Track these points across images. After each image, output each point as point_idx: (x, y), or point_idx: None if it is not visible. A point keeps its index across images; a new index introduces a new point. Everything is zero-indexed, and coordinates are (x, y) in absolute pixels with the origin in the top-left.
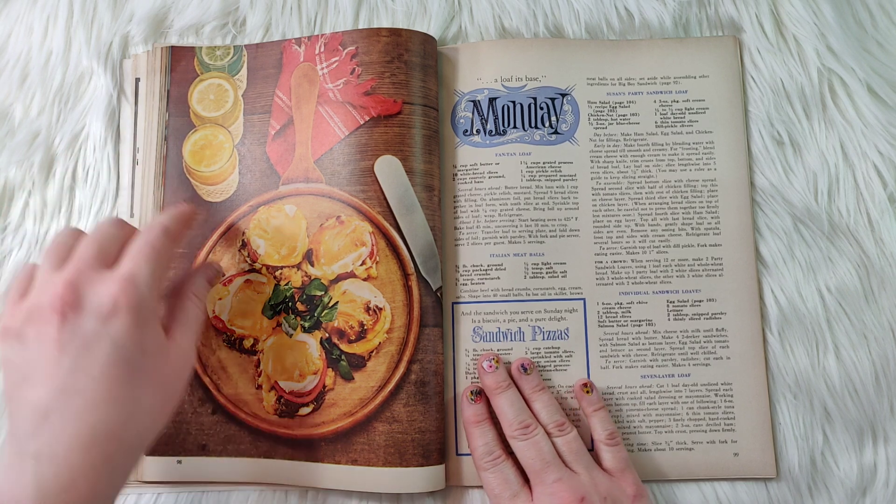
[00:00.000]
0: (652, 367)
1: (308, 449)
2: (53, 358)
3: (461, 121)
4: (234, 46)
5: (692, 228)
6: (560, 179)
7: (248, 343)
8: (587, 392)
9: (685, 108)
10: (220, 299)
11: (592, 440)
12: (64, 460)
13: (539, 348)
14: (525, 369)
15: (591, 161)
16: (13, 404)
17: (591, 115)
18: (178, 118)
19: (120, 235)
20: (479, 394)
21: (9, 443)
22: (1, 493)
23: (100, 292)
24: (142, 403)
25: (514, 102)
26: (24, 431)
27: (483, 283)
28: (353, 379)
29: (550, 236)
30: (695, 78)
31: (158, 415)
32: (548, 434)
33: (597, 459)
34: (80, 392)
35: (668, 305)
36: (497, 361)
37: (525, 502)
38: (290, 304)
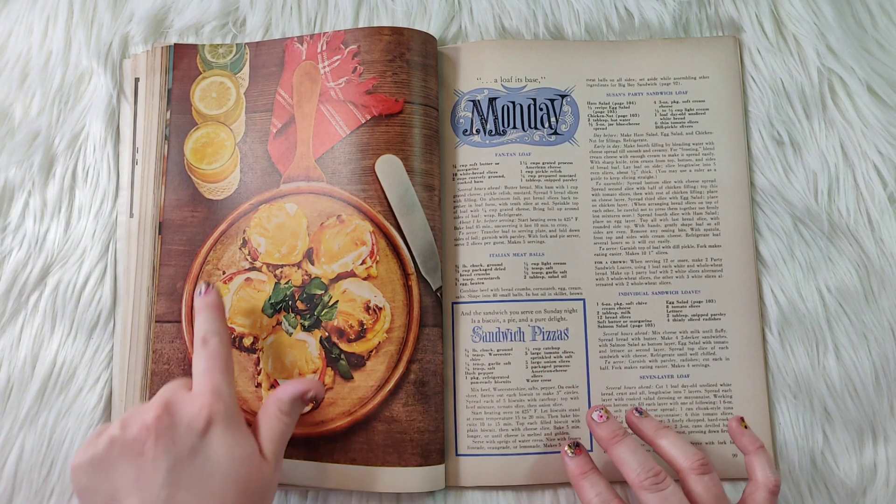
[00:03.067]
0: (651, 367)
1: (307, 448)
2: (148, 474)
3: (461, 121)
4: (236, 44)
5: (692, 229)
6: (560, 180)
7: (247, 341)
8: (745, 427)
9: (685, 109)
10: None
11: (748, 478)
12: None
13: (539, 348)
14: (640, 412)
15: (591, 161)
16: None
17: (591, 115)
18: (180, 116)
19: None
20: (578, 446)
21: None
22: None
23: (190, 408)
24: None
25: (513, 103)
26: None
27: (483, 283)
28: (353, 378)
29: (550, 236)
30: (695, 78)
31: None
32: (682, 474)
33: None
34: None
35: (667, 306)
36: (606, 411)
37: None
38: (290, 302)
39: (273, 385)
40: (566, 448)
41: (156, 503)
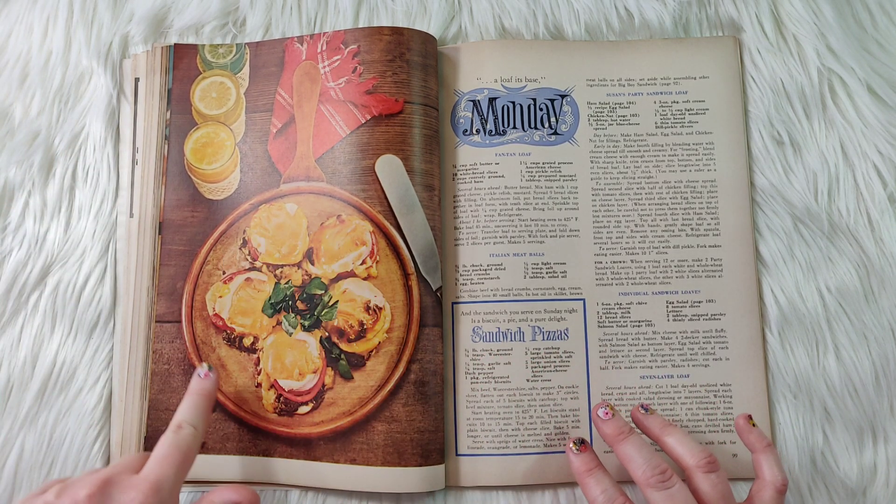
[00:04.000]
0: (651, 367)
1: (307, 448)
2: None
3: (461, 121)
4: (236, 44)
5: (692, 229)
6: (560, 180)
7: (247, 341)
8: (753, 425)
9: (685, 109)
10: (220, 297)
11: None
12: None
13: (539, 348)
14: (646, 410)
15: (591, 161)
16: None
17: (591, 115)
18: (180, 116)
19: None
20: (583, 443)
21: None
22: None
23: (124, 497)
24: None
25: (513, 103)
26: None
27: (483, 283)
28: (353, 378)
29: (550, 236)
30: (695, 78)
31: None
32: (689, 472)
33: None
34: None
35: (667, 306)
36: (611, 408)
37: None
38: (290, 302)
39: (273, 385)
40: (571, 445)
41: None
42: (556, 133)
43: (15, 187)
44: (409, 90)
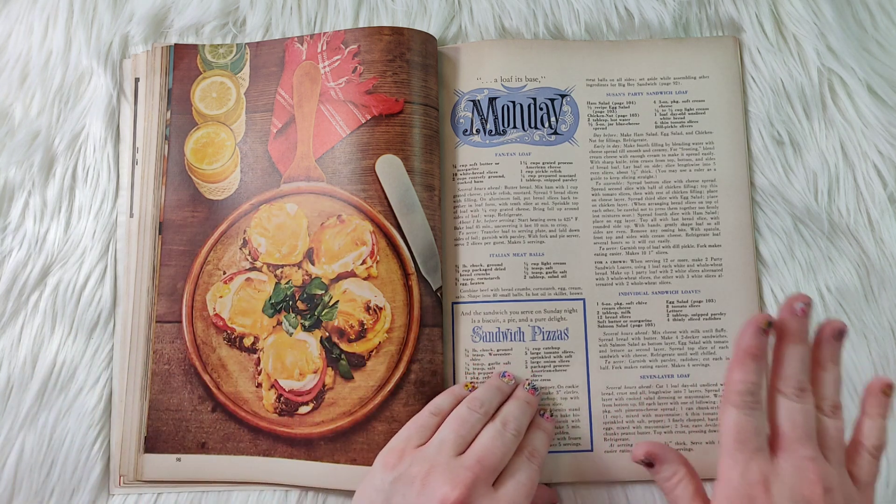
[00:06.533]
0: (651, 367)
1: (307, 448)
2: None
3: (461, 121)
4: (236, 44)
5: (692, 229)
6: (560, 180)
7: (248, 341)
8: (886, 395)
9: (685, 109)
10: (220, 297)
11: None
12: None
13: (539, 348)
14: (841, 334)
15: (591, 161)
16: None
17: (591, 115)
18: (181, 116)
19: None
20: (771, 326)
21: None
22: None
23: None
24: None
25: (513, 103)
26: None
27: (483, 283)
28: (353, 378)
29: (550, 236)
30: (695, 78)
31: None
32: (818, 408)
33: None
34: None
35: (667, 306)
36: (809, 306)
37: (765, 462)
38: (290, 302)
39: (273, 385)
40: (763, 322)
41: None
42: (556, 133)
43: (15, 187)
44: (409, 90)
